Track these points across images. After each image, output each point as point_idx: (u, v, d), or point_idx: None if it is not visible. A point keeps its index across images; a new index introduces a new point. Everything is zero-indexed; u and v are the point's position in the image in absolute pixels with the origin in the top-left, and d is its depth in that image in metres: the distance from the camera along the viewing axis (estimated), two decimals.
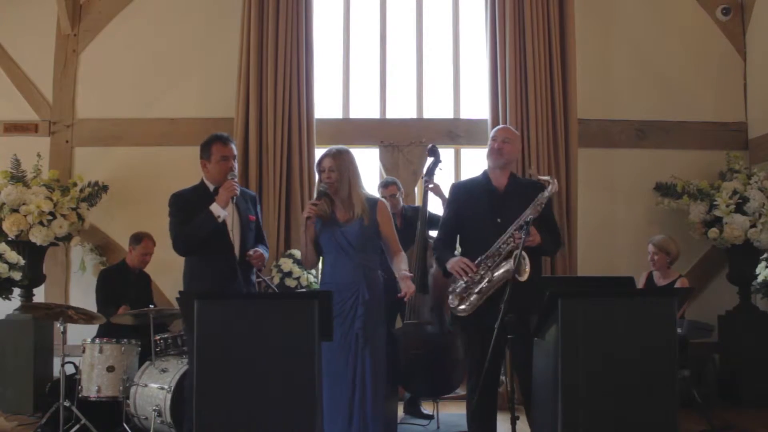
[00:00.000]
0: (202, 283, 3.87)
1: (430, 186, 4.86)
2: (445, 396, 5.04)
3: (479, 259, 3.75)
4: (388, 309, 3.93)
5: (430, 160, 4.91)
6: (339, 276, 3.61)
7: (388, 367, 3.64)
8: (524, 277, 3.53)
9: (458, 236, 4.02)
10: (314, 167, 6.09)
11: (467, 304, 3.72)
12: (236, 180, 3.96)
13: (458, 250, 4.04)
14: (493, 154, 3.93)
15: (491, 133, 4.06)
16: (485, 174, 4.02)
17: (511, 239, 3.67)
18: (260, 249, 3.98)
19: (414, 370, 4.51)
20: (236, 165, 4.05)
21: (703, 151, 6.46)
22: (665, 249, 5.35)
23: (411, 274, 3.70)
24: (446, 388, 4.69)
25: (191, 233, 3.86)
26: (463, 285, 3.75)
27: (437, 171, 4.89)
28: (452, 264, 3.80)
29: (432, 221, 4.96)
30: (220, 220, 3.82)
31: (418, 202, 5.98)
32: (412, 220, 4.87)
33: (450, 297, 3.81)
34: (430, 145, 5.05)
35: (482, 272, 3.72)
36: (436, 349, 4.57)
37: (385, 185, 5.27)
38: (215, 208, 3.83)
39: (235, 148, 4.08)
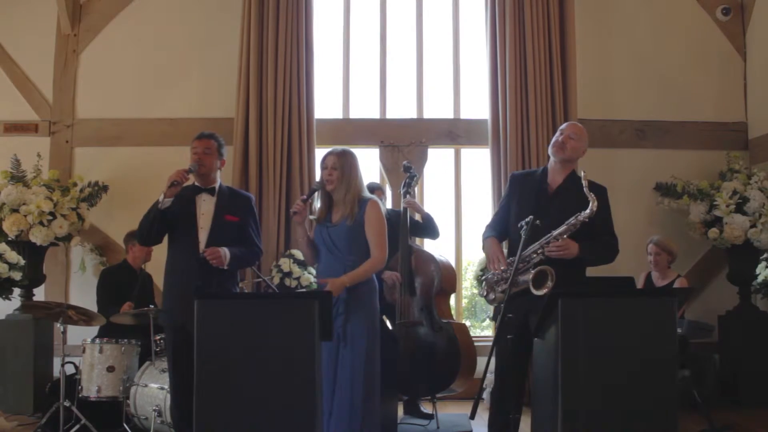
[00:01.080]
0: (171, 278, 3.96)
1: (405, 200, 4.90)
2: (442, 395, 5.04)
3: (510, 258, 3.68)
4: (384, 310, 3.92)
5: (406, 175, 5.00)
6: (326, 275, 3.60)
7: (378, 367, 3.60)
8: (540, 293, 3.44)
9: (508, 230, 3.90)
10: (314, 167, 6.14)
11: (494, 295, 3.69)
12: (191, 171, 3.87)
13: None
14: (556, 146, 3.76)
15: (560, 127, 3.90)
16: (544, 169, 3.89)
17: (541, 250, 3.56)
18: (225, 248, 3.86)
19: (408, 370, 4.52)
20: (213, 161, 3.98)
21: (703, 151, 6.46)
22: (668, 248, 5.36)
23: (344, 281, 3.47)
24: (441, 386, 4.69)
25: (141, 222, 3.95)
26: (494, 278, 3.71)
27: (413, 183, 4.97)
28: (487, 248, 3.77)
29: (415, 228, 4.97)
30: (159, 206, 3.82)
31: (418, 202, 5.96)
32: (395, 224, 4.87)
33: (482, 283, 3.79)
34: (405, 162, 5.12)
35: (510, 271, 3.62)
36: (428, 348, 4.59)
37: (370, 190, 5.26)
38: (161, 195, 3.85)
39: (209, 142, 4.00)
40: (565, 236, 3.56)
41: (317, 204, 3.70)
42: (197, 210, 3.95)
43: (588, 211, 3.55)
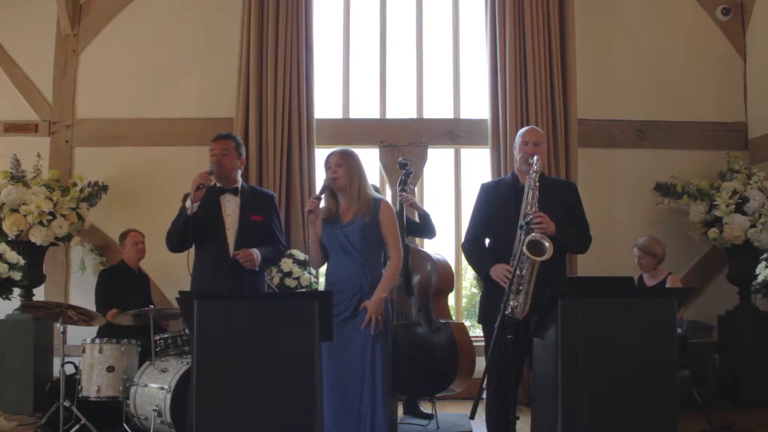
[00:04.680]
0: (200, 282, 3.89)
1: (403, 197, 4.89)
2: (442, 395, 5.04)
3: (511, 262, 3.68)
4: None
5: (402, 172, 4.95)
6: (342, 276, 3.60)
7: (391, 367, 3.64)
8: (543, 257, 3.49)
9: (486, 238, 3.98)
10: (314, 167, 6.15)
11: (518, 306, 3.61)
12: (212, 172, 3.87)
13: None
14: (527, 162, 3.81)
15: (521, 136, 3.93)
16: (513, 174, 4.00)
17: (525, 226, 3.60)
18: (256, 249, 3.88)
19: (407, 371, 4.53)
20: (233, 161, 3.98)
21: (703, 151, 6.46)
22: (651, 251, 5.30)
23: (382, 296, 3.52)
24: (440, 386, 4.69)
25: (170, 229, 3.92)
26: (508, 291, 3.63)
27: (409, 180, 4.93)
28: (495, 272, 3.75)
29: (411, 227, 4.96)
30: (188, 212, 3.78)
31: (417, 201, 5.96)
32: None
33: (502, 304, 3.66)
34: (400, 159, 5.09)
35: (517, 272, 3.62)
36: (427, 349, 4.60)
37: None
38: (188, 201, 3.80)
39: (227, 143, 4.00)
40: (535, 204, 3.66)
41: (323, 205, 3.68)
42: (223, 211, 3.94)
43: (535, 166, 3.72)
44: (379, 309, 3.49)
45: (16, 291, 5.69)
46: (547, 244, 3.53)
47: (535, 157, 3.76)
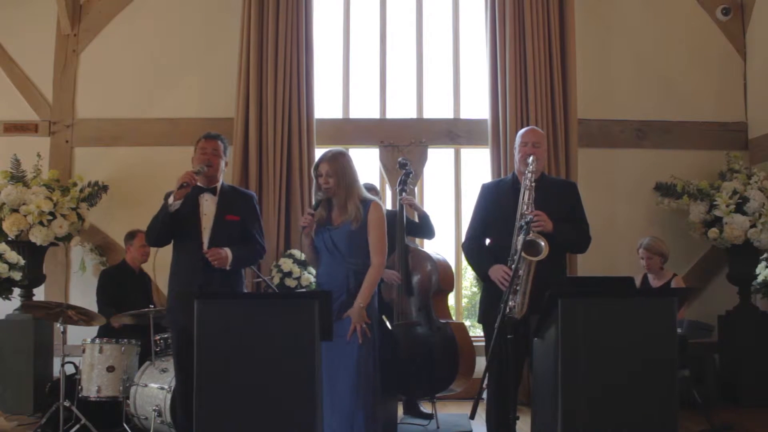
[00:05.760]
0: (176, 280, 3.94)
1: (403, 198, 4.87)
2: (442, 395, 5.04)
3: (509, 262, 3.69)
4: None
5: (402, 172, 4.94)
6: (328, 278, 3.60)
7: (378, 368, 3.60)
8: (539, 257, 3.49)
9: (487, 238, 3.99)
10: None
11: (516, 305, 3.61)
12: (199, 172, 3.87)
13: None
14: (526, 162, 3.80)
15: (521, 137, 3.94)
16: (513, 174, 4.01)
17: (524, 226, 3.60)
18: (228, 249, 3.84)
19: (407, 371, 4.52)
20: (221, 162, 3.98)
21: (703, 151, 6.47)
22: (659, 251, 5.30)
23: (361, 306, 3.47)
24: (440, 386, 4.69)
25: (150, 224, 3.93)
26: (508, 291, 3.63)
27: (409, 181, 4.92)
28: (493, 273, 3.76)
29: (410, 227, 4.96)
30: (171, 209, 3.80)
31: (417, 201, 5.96)
32: (392, 224, 4.84)
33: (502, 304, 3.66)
34: (400, 159, 5.08)
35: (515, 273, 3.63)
36: (426, 349, 4.59)
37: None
38: (171, 198, 3.82)
39: (219, 143, 4.00)
40: (532, 204, 3.67)
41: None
42: (200, 210, 3.94)
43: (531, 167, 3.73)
44: (360, 318, 3.46)
45: (16, 291, 5.69)
46: (542, 243, 3.53)
47: (531, 158, 3.76)
